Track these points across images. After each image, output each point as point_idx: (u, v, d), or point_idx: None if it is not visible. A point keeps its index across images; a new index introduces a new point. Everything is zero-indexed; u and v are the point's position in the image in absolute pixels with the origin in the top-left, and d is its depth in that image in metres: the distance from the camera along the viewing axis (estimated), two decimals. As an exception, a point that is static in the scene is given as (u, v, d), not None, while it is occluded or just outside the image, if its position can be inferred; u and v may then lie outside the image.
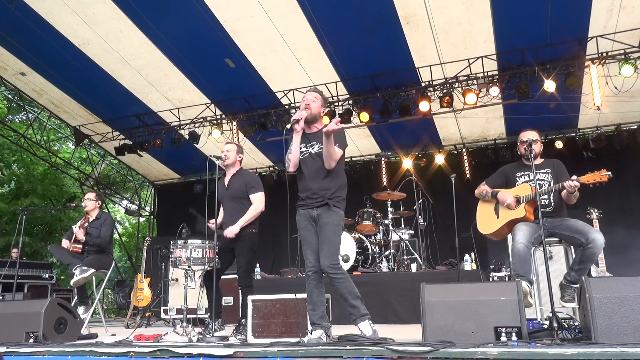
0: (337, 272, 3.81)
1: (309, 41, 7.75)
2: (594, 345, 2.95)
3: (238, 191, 5.15)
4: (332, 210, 3.90)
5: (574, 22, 7.27)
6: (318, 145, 4.02)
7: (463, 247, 6.58)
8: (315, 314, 3.84)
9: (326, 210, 3.92)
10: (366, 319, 3.80)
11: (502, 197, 4.44)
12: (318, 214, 3.94)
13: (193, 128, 10.07)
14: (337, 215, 3.92)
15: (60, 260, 6.70)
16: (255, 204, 5.12)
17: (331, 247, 3.86)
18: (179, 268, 4.80)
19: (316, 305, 3.86)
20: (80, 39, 7.96)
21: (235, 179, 5.22)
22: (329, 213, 3.90)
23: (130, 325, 7.28)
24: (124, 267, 17.18)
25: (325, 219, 3.90)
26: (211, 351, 3.39)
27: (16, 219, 9.75)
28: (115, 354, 3.62)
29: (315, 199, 3.95)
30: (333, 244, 3.88)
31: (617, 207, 9.39)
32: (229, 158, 5.18)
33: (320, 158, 3.99)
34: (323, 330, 3.77)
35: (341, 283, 3.81)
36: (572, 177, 4.12)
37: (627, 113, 9.30)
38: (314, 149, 4.06)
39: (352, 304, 3.80)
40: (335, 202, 3.93)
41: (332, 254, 3.84)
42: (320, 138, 3.96)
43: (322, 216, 3.92)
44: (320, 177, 3.98)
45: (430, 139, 10.65)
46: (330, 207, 3.91)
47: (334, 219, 3.89)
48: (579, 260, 4.12)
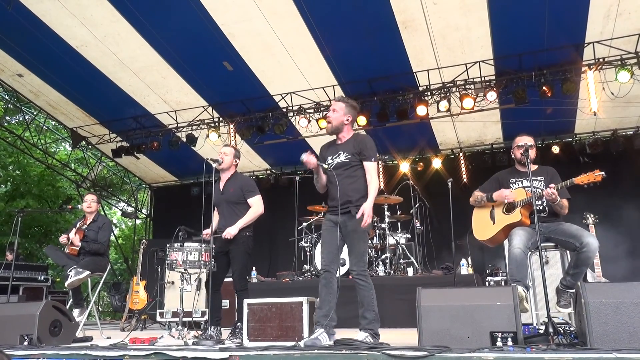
0: (363, 278, 3.98)
1: (307, 45, 7.76)
2: (589, 350, 2.95)
3: (234, 195, 5.11)
4: (357, 218, 3.94)
5: (571, 28, 7.30)
6: (344, 155, 4.11)
7: (459, 252, 6.60)
8: (320, 312, 3.96)
9: (350, 218, 4.02)
10: (368, 332, 3.90)
11: (498, 195, 4.43)
12: (342, 221, 4.02)
13: (190, 131, 10.06)
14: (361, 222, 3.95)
15: (55, 262, 6.68)
16: (254, 207, 5.09)
17: (358, 254, 4.02)
18: (175, 271, 4.79)
19: (323, 303, 3.98)
20: (78, 41, 7.95)
21: (230, 184, 5.18)
22: (354, 220, 3.97)
23: (125, 328, 7.25)
24: (119, 269, 17.12)
25: (351, 227, 4.02)
26: (206, 354, 3.38)
27: (12, 221, 9.70)
28: (110, 357, 3.60)
29: (340, 206, 4.00)
30: (360, 251, 4.03)
31: (613, 212, 9.41)
32: (224, 161, 5.11)
33: (344, 167, 4.10)
34: (324, 330, 3.85)
35: (362, 290, 3.97)
36: (550, 185, 4.09)
37: (624, 118, 9.34)
38: (340, 158, 4.14)
39: (364, 314, 3.97)
40: (359, 210, 3.96)
41: (359, 260, 4.01)
42: (346, 147, 4.12)
43: (347, 223, 4.03)
44: (344, 186, 4.04)
45: (428, 143, 10.67)
46: (354, 214, 3.98)
47: (359, 226, 3.95)
48: (574, 265, 4.13)
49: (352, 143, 4.15)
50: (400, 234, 8.23)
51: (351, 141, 4.16)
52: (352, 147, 4.12)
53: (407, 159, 10.61)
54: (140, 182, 13.55)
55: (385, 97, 8.84)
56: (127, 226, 19.92)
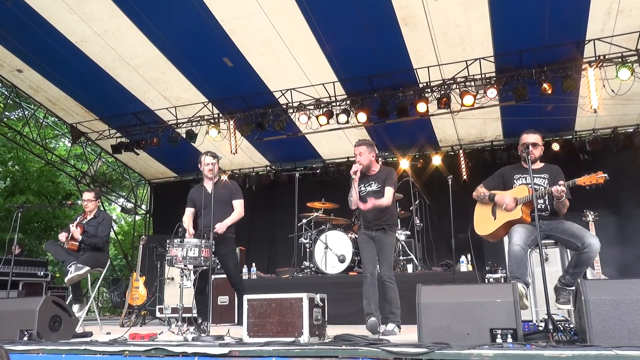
0: (391, 281, 4.98)
1: (307, 41, 7.74)
2: (589, 347, 2.95)
3: (224, 196, 5.47)
4: (388, 233, 5.05)
5: (572, 25, 7.28)
6: (376, 185, 5.09)
7: (459, 249, 6.60)
8: (370, 306, 4.85)
9: (383, 233, 5.04)
10: (396, 323, 4.85)
11: (500, 199, 4.43)
12: (376, 235, 5.05)
13: (190, 127, 10.05)
14: (392, 237, 5.13)
15: (55, 257, 6.67)
16: (238, 209, 5.52)
17: (389, 263, 5.06)
18: (174, 267, 4.80)
19: (371, 299, 4.89)
20: (78, 37, 7.93)
21: (221, 186, 5.52)
22: (386, 235, 5.04)
23: (125, 324, 7.25)
24: (119, 265, 17.13)
25: (384, 240, 5.03)
26: (206, 350, 3.39)
27: (11, 217, 9.69)
28: (109, 352, 3.61)
29: (374, 224, 5.05)
30: (390, 260, 5.10)
31: (613, 209, 9.41)
32: (212, 172, 5.44)
33: (376, 194, 5.04)
34: (375, 319, 4.76)
35: (390, 290, 4.95)
36: (559, 182, 4.11)
37: (624, 116, 9.33)
38: (371, 187, 5.11)
39: (392, 310, 4.91)
40: (390, 227, 5.08)
41: (389, 268, 5.04)
42: (376, 178, 5.12)
43: (381, 238, 5.03)
44: (377, 210, 4.99)
45: (427, 140, 10.66)
46: (386, 231, 5.04)
47: (390, 240, 5.08)
48: (574, 264, 4.13)
49: (380, 175, 5.14)
50: (400, 230, 8.22)
51: (380, 173, 5.16)
52: (380, 179, 5.10)
53: (407, 156, 10.57)
54: (140, 178, 13.54)
55: (385, 93, 8.83)
56: (127, 222, 19.91)
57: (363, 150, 5.12)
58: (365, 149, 5.12)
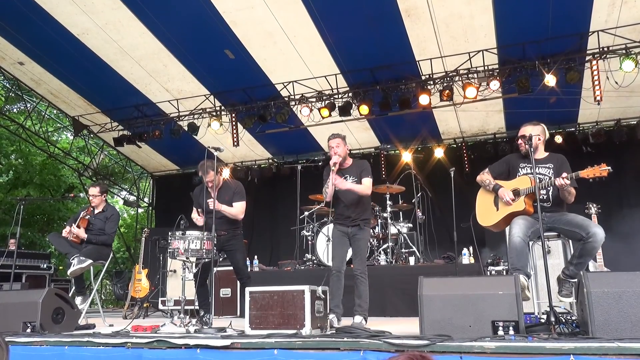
0: (363, 276, 5.05)
1: (309, 33, 7.70)
2: (591, 339, 2.95)
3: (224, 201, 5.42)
4: (363, 229, 5.13)
5: (576, 16, 7.23)
6: (351, 178, 5.13)
7: (461, 241, 6.59)
8: (333, 302, 4.82)
9: (358, 229, 5.11)
10: (363, 316, 4.96)
11: (502, 194, 4.41)
12: (351, 231, 5.11)
13: (192, 119, 10.03)
14: (366, 233, 5.23)
15: (58, 249, 6.68)
16: (237, 208, 5.44)
17: (362, 258, 5.16)
18: (177, 259, 4.80)
19: (334, 295, 4.93)
20: (79, 29, 7.90)
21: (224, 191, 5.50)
22: (361, 231, 5.12)
23: (127, 316, 7.29)
24: (122, 258, 17.17)
25: (359, 236, 5.11)
26: (208, 342, 3.40)
27: (14, 209, 9.71)
28: (112, 344, 3.62)
29: (350, 220, 5.12)
30: (363, 255, 5.22)
31: (615, 202, 9.39)
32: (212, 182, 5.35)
33: None
34: (335, 315, 4.85)
35: (362, 284, 5.02)
36: (563, 175, 4.09)
37: (628, 108, 9.29)
38: (347, 180, 5.11)
39: (360, 304, 4.99)
40: (364, 223, 5.15)
41: (361, 263, 5.11)
42: (352, 171, 5.18)
43: (356, 234, 5.10)
44: (353, 204, 5.09)
45: (430, 133, 10.62)
46: (361, 227, 5.11)
47: (365, 236, 5.18)
48: (578, 255, 4.12)
49: (354, 168, 5.20)
50: (402, 223, 8.23)
51: (354, 166, 5.22)
52: (355, 171, 5.15)
53: (410, 149, 10.57)
54: (142, 170, 13.55)
55: (387, 86, 8.79)
56: (129, 215, 19.96)
57: (339, 142, 5.18)
58: (341, 141, 5.20)
